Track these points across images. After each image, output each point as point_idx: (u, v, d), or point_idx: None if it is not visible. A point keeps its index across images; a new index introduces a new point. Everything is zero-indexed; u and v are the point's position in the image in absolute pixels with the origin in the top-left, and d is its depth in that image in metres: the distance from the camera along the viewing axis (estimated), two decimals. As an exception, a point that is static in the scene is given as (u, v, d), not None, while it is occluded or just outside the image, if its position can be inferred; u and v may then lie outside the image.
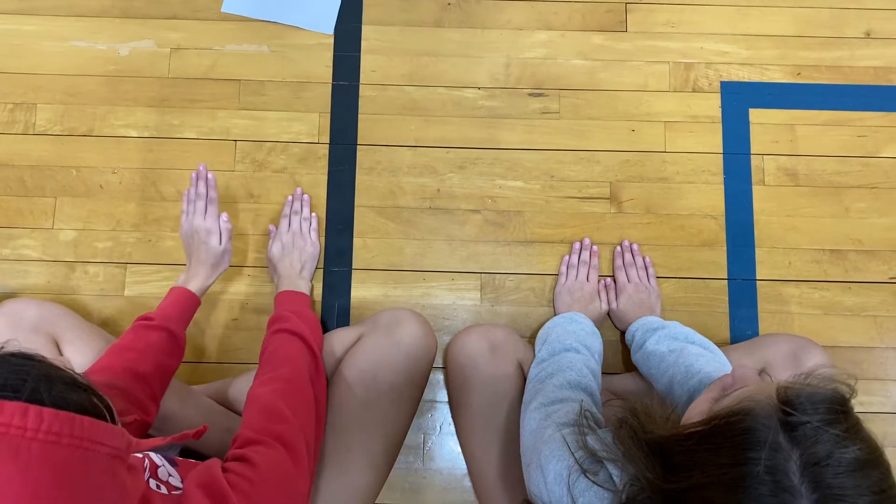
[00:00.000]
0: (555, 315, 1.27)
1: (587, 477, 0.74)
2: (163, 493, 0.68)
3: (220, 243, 1.18)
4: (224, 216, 1.19)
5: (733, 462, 0.59)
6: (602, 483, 0.73)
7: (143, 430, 0.98)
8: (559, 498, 0.76)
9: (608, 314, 1.30)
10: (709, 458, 0.62)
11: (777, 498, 0.56)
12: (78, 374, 0.55)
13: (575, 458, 0.77)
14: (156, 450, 1.17)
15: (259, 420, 0.87)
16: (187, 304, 1.12)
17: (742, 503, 0.58)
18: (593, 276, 1.30)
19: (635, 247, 1.32)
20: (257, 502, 0.72)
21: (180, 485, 0.72)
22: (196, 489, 0.69)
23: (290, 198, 1.33)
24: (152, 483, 0.69)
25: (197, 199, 1.20)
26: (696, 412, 0.71)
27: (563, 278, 1.30)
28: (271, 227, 1.32)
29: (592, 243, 1.32)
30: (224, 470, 0.75)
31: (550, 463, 0.79)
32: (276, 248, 1.28)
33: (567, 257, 1.32)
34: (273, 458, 0.80)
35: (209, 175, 1.19)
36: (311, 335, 1.07)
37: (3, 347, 0.54)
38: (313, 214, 1.33)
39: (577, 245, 1.32)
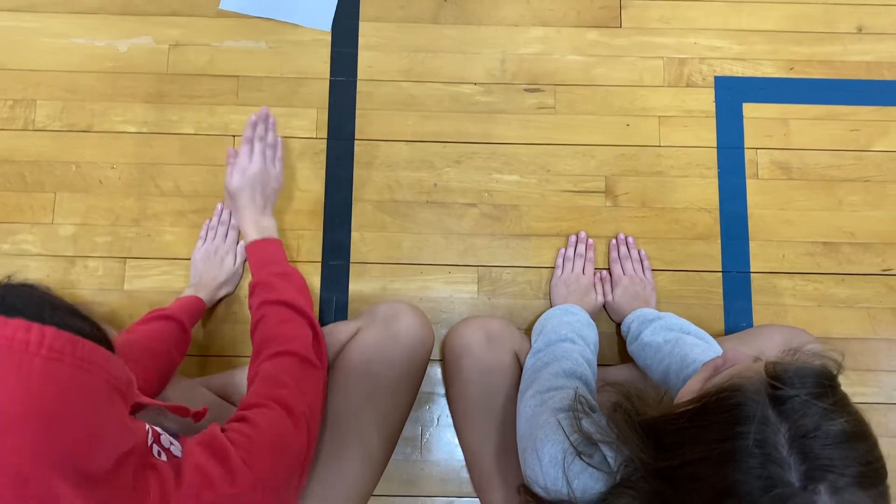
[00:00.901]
0: (551, 307, 1.28)
1: (582, 459, 0.75)
2: (162, 461, 0.69)
3: (234, 264, 1.27)
4: (242, 242, 1.27)
5: (723, 437, 0.61)
6: (597, 465, 0.74)
7: (139, 406, 0.98)
8: (554, 480, 0.77)
9: (604, 307, 1.31)
10: (700, 435, 0.63)
11: (766, 470, 0.58)
12: (81, 307, 0.57)
13: (570, 441, 0.78)
14: (156, 424, 1.19)
15: (261, 387, 0.89)
16: (194, 306, 1.17)
17: (732, 476, 0.59)
18: (589, 269, 1.31)
19: (630, 240, 1.33)
20: (256, 456, 0.73)
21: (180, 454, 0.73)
22: (196, 446, 0.71)
23: (252, 118, 1.21)
24: (155, 449, 0.70)
25: (219, 226, 1.30)
26: (687, 392, 0.72)
27: (559, 271, 1.31)
28: (230, 151, 1.21)
29: (588, 236, 1.33)
30: (224, 430, 0.76)
31: (546, 446, 0.80)
32: (236, 179, 1.19)
33: (563, 250, 1.33)
34: (272, 418, 0.81)
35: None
36: (305, 303, 1.05)
37: (10, 277, 0.56)
38: (278, 139, 1.23)
39: (572, 238, 1.33)
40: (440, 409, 1.29)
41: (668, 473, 0.65)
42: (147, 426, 0.70)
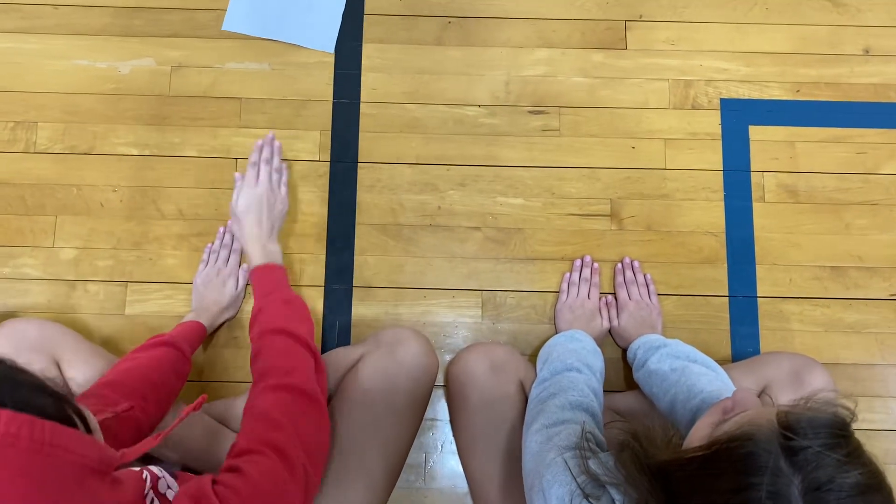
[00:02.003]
0: (556, 332, 1.27)
1: (589, 502, 0.74)
2: None
3: (236, 288, 1.27)
4: (244, 266, 1.26)
5: (735, 487, 0.60)
6: None
7: (138, 429, 0.97)
8: None
9: (609, 332, 1.30)
10: (710, 483, 0.62)
11: None
12: (50, 381, 0.54)
13: (577, 483, 0.77)
14: (157, 463, 1.18)
15: (254, 428, 0.86)
16: (195, 331, 1.16)
17: None
18: (594, 294, 1.30)
19: (636, 264, 1.32)
20: None
21: None
22: (183, 499, 0.69)
23: (258, 143, 1.23)
24: (150, 496, 0.69)
25: (221, 249, 1.29)
26: (696, 437, 0.71)
27: (563, 296, 1.30)
28: (237, 176, 1.22)
29: (593, 261, 1.32)
30: (215, 482, 0.74)
31: (553, 488, 0.79)
32: (242, 203, 1.18)
33: (568, 275, 1.32)
34: (265, 467, 0.78)
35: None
36: (307, 333, 1.03)
37: None
38: (283, 164, 1.26)
39: (577, 262, 1.32)
40: (444, 436, 1.27)
41: None
42: (144, 474, 0.69)
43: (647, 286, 1.31)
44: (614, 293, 1.32)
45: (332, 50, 1.40)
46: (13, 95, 1.37)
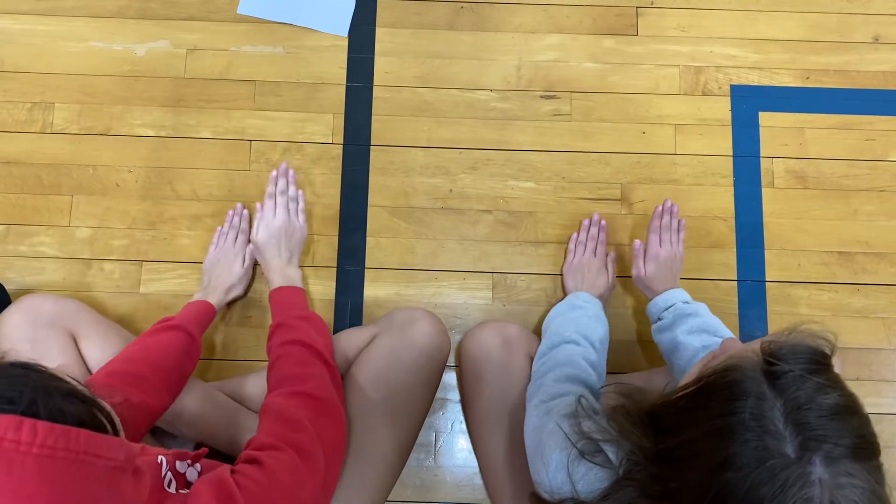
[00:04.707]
0: (564, 293, 1.28)
1: (586, 459, 0.77)
2: (171, 493, 0.69)
3: (243, 266, 1.27)
4: (251, 245, 1.27)
5: (721, 412, 0.62)
6: (601, 463, 0.76)
7: (150, 417, 0.98)
8: (560, 485, 0.78)
9: (634, 280, 1.25)
10: (698, 413, 0.65)
11: (762, 441, 0.59)
12: (79, 384, 0.54)
13: (574, 446, 0.79)
14: (172, 440, 1.19)
15: (273, 427, 0.87)
16: (203, 311, 1.17)
17: (729, 449, 0.60)
18: (601, 250, 1.31)
19: (675, 208, 1.27)
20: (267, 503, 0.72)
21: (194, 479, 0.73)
22: (202, 486, 0.70)
23: (273, 174, 1.28)
24: (168, 477, 0.70)
25: (230, 230, 1.30)
26: (687, 378, 0.73)
27: (570, 256, 1.31)
28: (258, 206, 1.27)
29: (601, 218, 1.32)
30: (233, 472, 0.75)
31: (553, 453, 0.82)
32: (262, 234, 1.24)
33: (576, 234, 1.33)
34: (284, 462, 0.79)
35: (244, 212, 1.31)
36: (324, 346, 1.05)
37: (3, 357, 0.53)
38: (300, 192, 1.30)
39: (585, 222, 1.33)
40: (454, 416, 1.29)
41: (666, 454, 0.67)
42: (160, 458, 0.70)
43: (679, 232, 1.26)
44: (647, 237, 1.26)
45: (345, 34, 1.42)
46: (30, 76, 1.39)
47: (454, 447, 1.28)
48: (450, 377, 1.29)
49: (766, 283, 1.34)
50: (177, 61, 1.40)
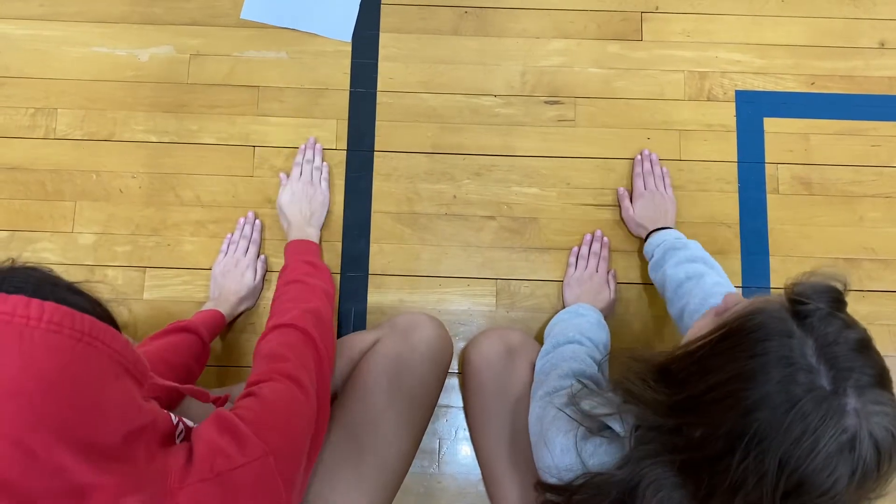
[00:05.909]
0: (563, 306, 1.28)
1: (591, 434, 0.78)
2: (178, 444, 0.69)
3: (254, 279, 1.27)
4: (262, 257, 1.30)
5: (751, 354, 0.64)
6: (608, 437, 0.76)
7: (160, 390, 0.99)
8: (569, 466, 0.78)
9: (625, 222, 1.33)
10: (725, 359, 0.66)
11: (796, 378, 0.61)
12: (82, 285, 0.59)
13: (581, 425, 0.80)
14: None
15: (263, 364, 0.89)
16: (214, 320, 1.18)
17: (763, 388, 0.62)
18: (603, 267, 1.31)
19: (654, 156, 1.35)
20: (266, 426, 0.72)
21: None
22: (204, 425, 0.71)
23: (302, 146, 1.35)
24: (180, 427, 0.70)
25: (241, 240, 1.31)
26: (696, 333, 0.73)
27: (571, 269, 1.31)
28: (282, 175, 1.33)
29: (604, 235, 1.34)
30: (233, 410, 0.76)
31: (557, 438, 0.82)
32: (285, 196, 1.30)
33: (577, 248, 1.33)
34: (278, 389, 0.81)
35: (257, 221, 1.33)
36: (324, 284, 1.10)
37: (13, 261, 0.58)
38: (325, 163, 1.35)
39: (588, 236, 1.33)
40: (458, 422, 1.28)
41: (688, 404, 0.67)
42: (173, 417, 0.70)
43: (664, 178, 1.34)
44: (631, 183, 1.35)
45: (349, 39, 1.41)
46: (33, 82, 1.38)
47: (458, 454, 1.27)
48: (453, 384, 1.29)
49: (772, 290, 1.33)
50: (180, 67, 1.40)
